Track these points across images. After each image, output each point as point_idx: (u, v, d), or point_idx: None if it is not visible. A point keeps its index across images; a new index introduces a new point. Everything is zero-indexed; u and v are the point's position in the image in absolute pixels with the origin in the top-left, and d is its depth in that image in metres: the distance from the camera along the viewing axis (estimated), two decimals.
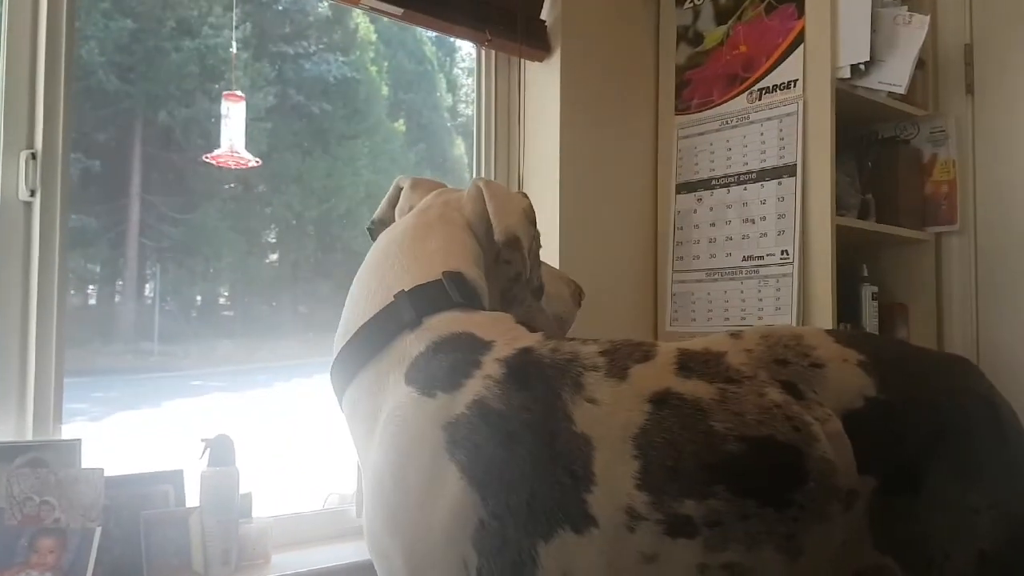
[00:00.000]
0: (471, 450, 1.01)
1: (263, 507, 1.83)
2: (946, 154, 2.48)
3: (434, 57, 3.55)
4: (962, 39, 2.51)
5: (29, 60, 1.65)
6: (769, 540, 1.01)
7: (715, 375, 1.08)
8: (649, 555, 0.99)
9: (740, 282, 2.29)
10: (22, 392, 1.62)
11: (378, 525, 1.07)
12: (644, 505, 0.99)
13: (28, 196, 1.63)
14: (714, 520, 0.99)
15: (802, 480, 1.02)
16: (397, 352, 1.13)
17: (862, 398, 1.10)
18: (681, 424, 1.02)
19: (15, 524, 1.49)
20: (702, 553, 0.99)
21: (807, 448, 1.03)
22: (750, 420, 1.03)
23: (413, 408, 1.07)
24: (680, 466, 1.00)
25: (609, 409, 1.04)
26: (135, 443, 1.60)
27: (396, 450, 1.05)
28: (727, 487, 1.00)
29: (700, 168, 2.42)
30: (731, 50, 2.38)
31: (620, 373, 1.08)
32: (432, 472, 1.02)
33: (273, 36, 2.93)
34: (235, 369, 2.99)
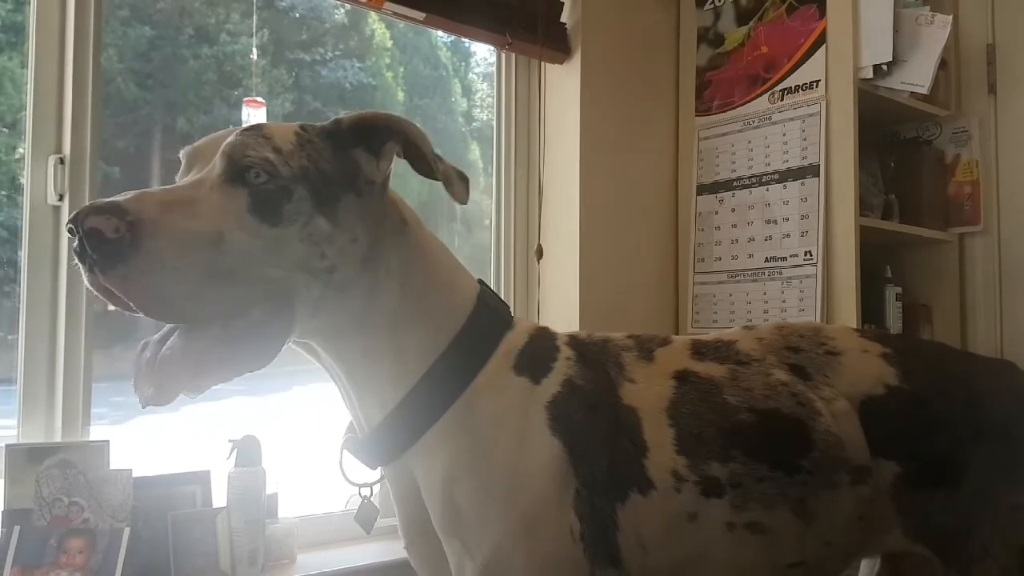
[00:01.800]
0: (567, 423, 1.07)
1: (288, 508, 1.84)
2: (969, 154, 2.47)
3: (449, 62, 3.56)
4: (984, 39, 2.50)
5: (57, 66, 1.67)
6: (784, 502, 1.10)
7: (726, 358, 1.19)
8: (692, 514, 1.07)
9: (763, 283, 2.28)
10: (51, 394, 1.64)
11: (476, 508, 1.05)
12: (684, 467, 1.08)
13: (57, 200, 1.65)
14: (736, 481, 1.09)
15: (808, 448, 1.12)
16: (504, 350, 1.12)
17: (882, 385, 1.18)
18: (700, 397, 1.13)
19: (44, 525, 1.50)
20: (729, 511, 1.08)
21: (810, 421, 1.13)
22: (758, 395, 1.14)
23: (522, 395, 1.09)
24: (704, 433, 1.10)
25: (644, 385, 1.13)
26: (156, 446, 1.61)
27: (501, 436, 1.07)
28: (743, 451, 1.10)
29: (721, 169, 2.42)
30: (752, 51, 2.38)
31: (647, 355, 1.18)
32: (537, 448, 1.05)
33: (290, 43, 2.95)
34: (254, 373, 3.00)
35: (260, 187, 0.94)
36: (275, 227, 0.94)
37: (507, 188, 2.40)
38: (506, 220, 2.39)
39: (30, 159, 1.64)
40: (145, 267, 0.86)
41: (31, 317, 1.63)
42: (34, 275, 1.64)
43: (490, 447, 1.06)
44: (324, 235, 0.97)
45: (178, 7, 2.71)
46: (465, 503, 1.06)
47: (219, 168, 0.95)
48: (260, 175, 0.95)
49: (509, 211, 2.39)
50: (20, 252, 1.66)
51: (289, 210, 0.95)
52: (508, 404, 1.08)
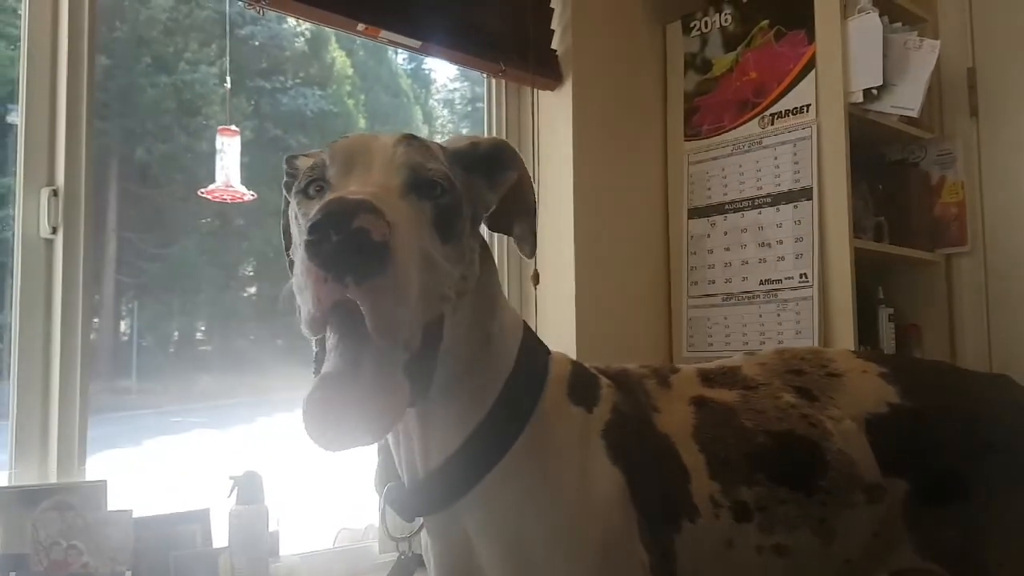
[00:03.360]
0: (623, 451, 1.04)
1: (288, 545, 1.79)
2: (954, 176, 2.50)
3: (410, 89, 3.58)
4: (965, 63, 2.55)
5: (49, 98, 1.64)
6: (805, 523, 1.10)
7: (734, 383, 1.19)
8: (729, 540, 1.06)
9: (758, 306, 2.29)
10: (45, 433, 1.59)
11: (550, 547, 0.99)
12: (719, 493, 1.07)
13: (50, 233, 1.61)
14: (762, 505, 1.08)
15: (824, 469, 1.11)
16: (553, 380, 1.07)
17: (885, 404, 1.18)
18: (719, 422, 1.12)
19: (41, 571, 1.45)
20: (758, 535, 1.07)
21: (823, 442, 1.13)
22: (771, 417, 1.14)
23: (582, 425, 1.05)
24: (730, 457, 1.09)
25: (668, 412, 1.12)
26: (122, 483, 1.56)
27: (566, 466, 1.02)
28: (765, 475, 1.09)
29: (713, 193, 2.43)
30: (741, 76, 2.40)
31: (664, 383, 1.17)
32: (601, 478, 1.02)
33: (249, 71, 2.94)
34: (215, 405, 2.96)
35: (442, 203, 0.88)
36: (446, 244, 0.88)
37: None
38: (499, 246, 2.38)
39: (22, 192, 1.60)
40: (401, 278, 0.78)
41: (24, 353, 1.58)
42: (27, 310, 1.59)
43: (557, 483, 1.01)
44: (467, 257, 0.93)
45: (135, 36, 2.68)
46: (538, 546, 0.99)
47: (401, 178, 0.88)
48: (441, 190, 0.88)
49: (503, 237, 2.37)
50: (11, 286, 1.62)
51: (459, 228, 0.91)
52: (568, 435, 1.04)
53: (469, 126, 3.68)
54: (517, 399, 1.02)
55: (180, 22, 2.94)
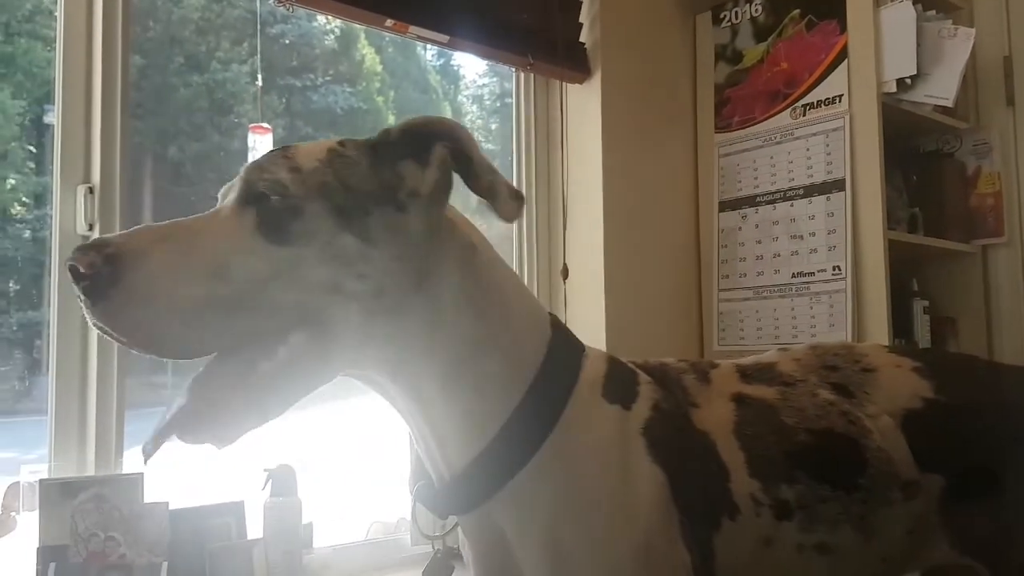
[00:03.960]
0: (664, 449, 1.03)
1: (321, 537, 1.81)
2: (990, 166, 2.46)
3: (439, 86, 3.58)
4: (1000, 51, 2.51)
5: (84, 94, 1.66)
6: (847, 521, 1.09)
7: (772, 380, 1.18)
8: (768, 538, 1.05)
9: (790, 299, 2.27)
10: (83, 426, 1.62)
11: (582, 548, 0.98)
12: (759, 491, 1.05)
13: (86, 230, 1.63)
14: (803, 503, 1.07)
15: (864, 466, 1.11)
16: (587, 377, 1.06)
17: (919, 399, 1.17)
18: (760, 419, 1.11)
19: (80, 561, 1.47)
20: (799, 534, 1.06)
21: (862, 439, 1.12)
22: (811, 415, 1.13)
23: (620, 423, 1.04)
24: (771, 455, 1.08)
25: (708, 408, 1.11)
26: (157, 476, 1.59)
27: (606, 466, 1.01)
28: (806, 473, 1.08)
29: (743, 185, 2.41)
30: (772, 67, 2.38)
31: (704, 378, 1.16)
32: (641, 477, 1.01)
33: (280, 69, 2.96)
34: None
35: (267, 207, 0.89)
36: (284, 246, 0.87)
37: (529, 208, 2.39)
38: (528, 240, 2.38)
39: (59, 189, 1.63)
40: (126, 301, 0.81)
41: (62, 349, 1.61)
42: (64, 306, 1.62)
43: (594, 483, 0.99)
44: (355, 254, 0.90)
45: (168, 35, 2.71)
46: (576, 549, 0.98)
47: (236, 193, 0.92)
48: (271, 196, 0.89)
49: (532, 231, 2.38)
50: (49, 283, 1.65)
51: (299, 229, 0.88)
52: (604, 434, 1.02)
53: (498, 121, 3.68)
54: (544, 399, 1.00)
55: (212, 21, 2.97)
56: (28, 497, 1.53)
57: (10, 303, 2.39)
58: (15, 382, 2.61)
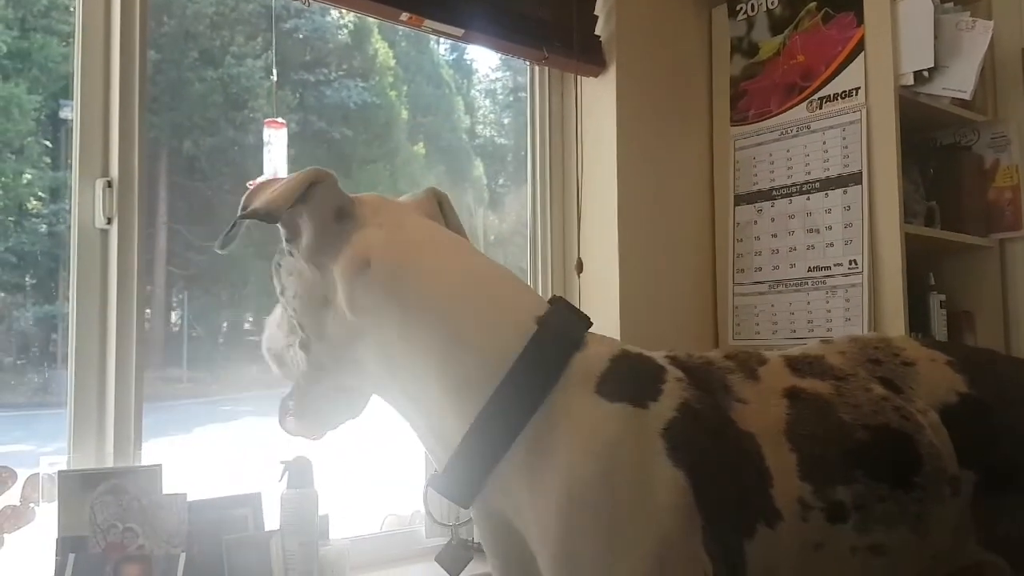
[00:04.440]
0: (690, 453, 0.99)
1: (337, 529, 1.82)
2: (1008, 160, 2.45)
3: (452, 80, 3.57)
4: (1019, 43, 2.48)
5: (103, 88, 1.67)
6: (903, 520, 1.06)
7: (824, 374, 1.14)
8: (818, 542, 1.02)
9: (806, 293, 2.26)
10: (102, 418, 1.63)
11: (596, 554, 0.97)
12: (810, 495, 1.02)
13: (105, 224, 1.64)
14: (860, 503, 1.04)
15: (919, 464, 1.08)
16: (576, 373, 1.03)
17: (955, 393, 1.15)
18: (815, 417, 1.07)
19: (99, 552, 1.48)
20: (854, 536, 1.03)
21: (917, 435, 1.09)
22: (866, 411, 1.09)
23: (624, 421, 1.00)
24: (827, 455, 1.05)
25: (757, 407, 1.07)
26: (175, 469, 1.60)
27: (613, 469, 0.98)
28: (864, 472, 1.05)
29: (759, 179, 2.40)
30: (788, 60, 2.37)
31: (752, 375, 1.11)
32: (658, 481, 0.97)
33: (294, 64, 2.96)
34: (264, 394, 3.00)
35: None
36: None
37: (543, 202, 2.38)
38: (543, 235, 2.38)
39: (77, 183, 1.63)
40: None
41: (81, 341, 1.62)
42: (83, 299, 1.63)
43: (596, 485, 0.97)
44: (282, 305, 1.20)
45: (183, 30, 2.72)
46: (585, 550, 0.97)
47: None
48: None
49: (546, 225, 2.38)
50: (67, 277, 1.66)
51: (279, 286, 1.21)
52: (607, 434, 1.00)
53: (511, 116, 3.67)
54: (513, 397, 1.01)
55: (226, 16, 2.97)
56: (47, 488, 1.54)
57: (27, 297, 2.40)
58: (32, 375, 2.63)
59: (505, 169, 3.43)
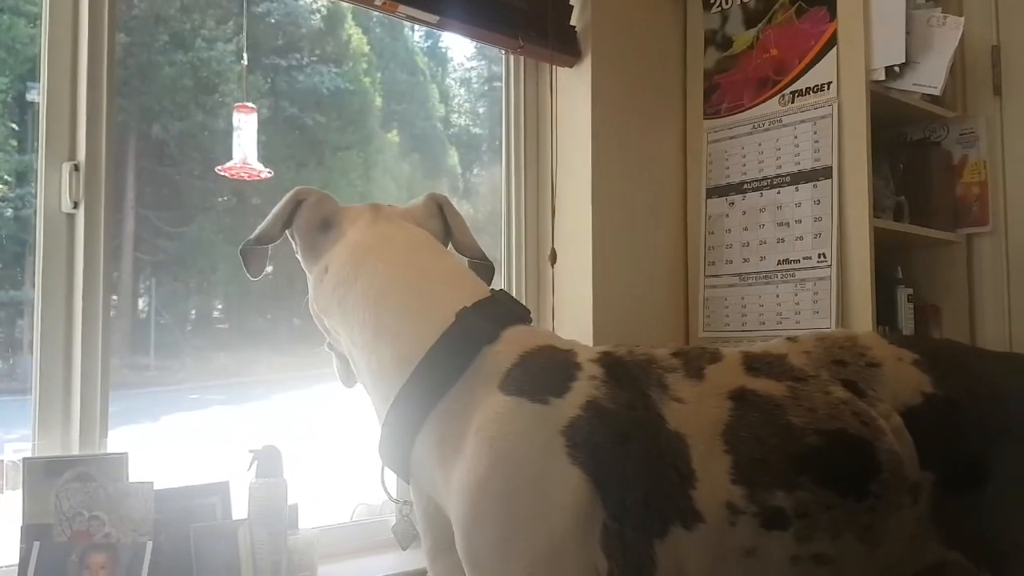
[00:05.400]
0: (592, 451, 1.00)
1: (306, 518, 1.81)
2: (976, 156, 2.48)
3: (427, 68, 3.55)
4: (989, 40, 2.51)
5: (70, 71, 1.64)
6: (851, 530, 1.04)
7: (782, 374, 1.12)
8: (748, 548, 1.01)
9: (775, 286, 2.28)
10: (67, 405, 1.61)
11: (491, 543, 1.01)
12: (741, 499, 1.01)
13: (71, 208, 1.62)
14: (803, 511, 1.02)
15: (876, 471, 1.06)
16: (484, 367, 1.08)
17: (920, 394, 1.13)
18: (762, 419, 1.06)
19: (65, 540, 1.47)
20: (794, 544, 1.02)
21: (876, 441, 1.06)
22: (822, 415, 1.07)
23: (524, 417, 1.02)
24: (768, 459, 1.03)
25: (695, 407, 1.06)
26: (143, 457, 1.60)
27: (509, 463, 1.01)
28: (812, 478, 1.03)
29: (731, 172, 2.41)
30: (761, 53, 2.38)
31: (697, 373, 1.11)
32: (553, 478, 0.99)
33: (265, 49, 2.93)
34: (232, 382, 2.98)
35: None
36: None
37: (517, 192, 2.38)
38: (517, 225, 2.37)
39: (43, 166, 1.61)
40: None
41: (46, 327, 1.60)
42: (48, 284, 1.60)
43: (489, 480, 1.01)
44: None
45: (153, 13, 2.68)
46: (481, 539, 1.02)
47: None
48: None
49: (520, 215, 2.37)
50: (33, 263, 1.63)
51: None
52: (502, 430, 1.02)
53: (486, 105, 3.66)
54: (420, 388, 1.09)
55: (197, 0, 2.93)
56: (12, 476, 1.52)
57: None
58: None
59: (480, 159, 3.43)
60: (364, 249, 1.24)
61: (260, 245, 1.32)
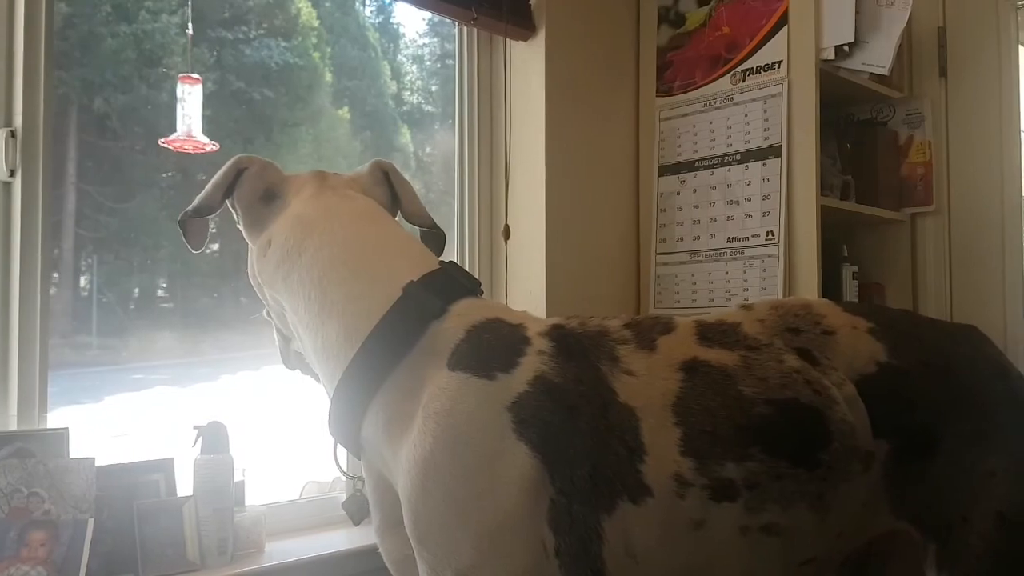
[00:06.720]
0: (539, 427, 0.99)
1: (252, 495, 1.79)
2: (922, 136, 2.52)
3: (378, 44, 3.50)
4: (935, 22, 2.55)
5: (6, 33, 1.58)
6: (802, 499, 1.04)
7: (735, 343, 1.11)
8: (698, 520, 1.01)
9: (725, 263, 2.30)
10: (5, 381, 1.56)
11: (438, 520, 1.00)
12: (690, 471, 1.00)
13: (7, 176, 1.56)
14: (753, 482, 1.02)
15: (827, 441, 1.05)
16: (431, 343, 1.07)
17: (874, 363, 1.13)
18: (713, 390, 1.05)
19: (2, 517, 1.43)
20: (743, 515, 1.02)
21: (828, 411, 1.06)
22: (774, 384, 1.06)
23: (471, 393, 1.02)
24: (718, 430, 1.02)
25: (646, 380, 1.05)
26: (85, 437, 1.56)
27: (456, 439, 1.00)
28: (762, 448, 1.03)
29: (683, 150, 2.43)
30: (713, 31, 2.39)
31: (649, 345, 1.10)
32: (500, 454, 0.98)
33: (211, 21, 2.86)
34: (177, 362, 2.93)
35: None
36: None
37: (471, 167, 2.36)
38: (470, 201, 2.36)
39: None
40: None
41: None
42: None
43: (434, 457, 1.00)
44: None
45: None
46: (428, 515, 1.01)
47: None
48: None
49: (474, 191, 2.36)
50: None
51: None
52: (448, 406, 1.02)
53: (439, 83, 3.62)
54: (366, 365, 1.08)
55: None
56: None
57: None
58: None
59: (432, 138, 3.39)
60: (309, 222, 1.21)
61: (199, 216, 1.26)
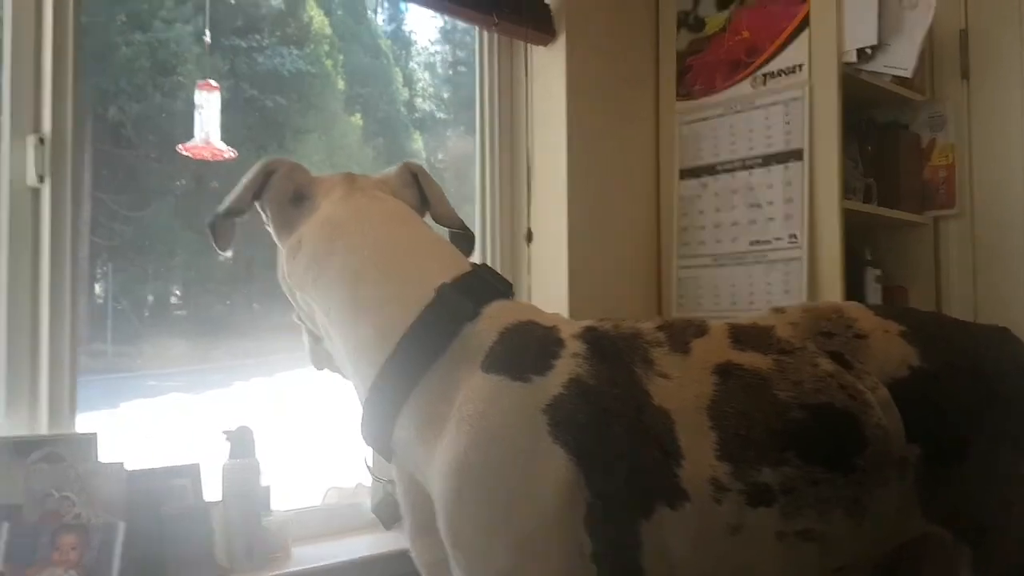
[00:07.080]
0: (575, 430, 0.98)
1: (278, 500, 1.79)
2: (944, 139, 2.51)
3: (389, 51, 3.51)
4: (957, 25, 2.54)
5: (34, 43, 1.59)
6: (838, 504, 1.03)
7: (768, 347, 1.10)
8: (734, 525, 1.00)
9: (747, 267, 2.29)
10: (34, 385, 1.57)
11: (473, 523, 1.00)
12: (727, 476, 0.99)
13: (36, 182, 1.57)
14: (789, 487, 1.01)
15: (863, 445, 1.04)
16: (465, 345, 1.06)
17: (907, 367, 1.12)
18: (747, 394, 1.04)
19: (35, 521, 1.44)
20: (780, 520, 1.01)
21: (863, 415, 1.05)
22: (808, 388, 1.05)
23: (506, 396, 1.01)
24: (752, 434, 1.01)
25: (680, 383, 1.05)
26: (107, 442, 1.57)
27: (491, 442, 0.99)
28: (797, 453, 1.02)
29: (704, 154, 2.42)
30: (733, 36, 2.38)
31: (683, 348, 1.09)
32: (536, 457, 0.98)
33: (225, 29, 2.88)
34: (191, 369, 2.94)
35: None
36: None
37: (492, 172, 2.37)
38: (492, 204, 2.36)
39: (8, 139, 1.56)
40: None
41: (12, 306, 1.56)
42: (14, 262, 1.56)
43: (469, 460, 0.99)
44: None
45: None
46: (464, 519, 1.00)
47: None
48: None
49: (496, 195, 2.36)
50: None
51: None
52: (484, 409, 1.01)
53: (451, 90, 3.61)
54: (400, 368, 1.07)
55: None
56: None
57: None
58: None
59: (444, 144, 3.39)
60: (339, 224, 1.20)
61: (230, 217, 1.25)
